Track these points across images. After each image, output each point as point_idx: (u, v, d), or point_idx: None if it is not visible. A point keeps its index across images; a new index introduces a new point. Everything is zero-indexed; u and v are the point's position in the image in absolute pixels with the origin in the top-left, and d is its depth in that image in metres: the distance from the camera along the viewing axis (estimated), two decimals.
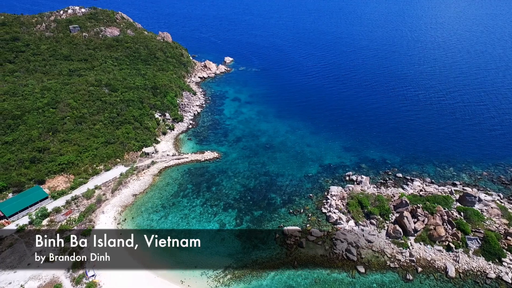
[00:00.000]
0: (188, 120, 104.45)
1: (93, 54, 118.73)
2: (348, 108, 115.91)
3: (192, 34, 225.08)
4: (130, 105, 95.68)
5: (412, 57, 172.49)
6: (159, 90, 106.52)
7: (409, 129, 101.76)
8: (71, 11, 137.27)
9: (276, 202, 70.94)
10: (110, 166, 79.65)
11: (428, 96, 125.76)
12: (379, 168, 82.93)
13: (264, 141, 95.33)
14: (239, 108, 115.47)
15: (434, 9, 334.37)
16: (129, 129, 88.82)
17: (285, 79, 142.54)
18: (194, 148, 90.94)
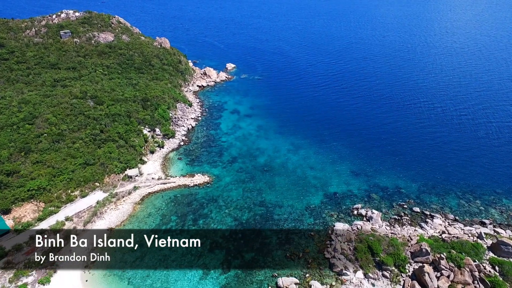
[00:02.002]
0: (181, 136, 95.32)
1: (83, 61, 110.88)
2: (358, 124, 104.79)
3: (196, 38, 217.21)
4: (116, 120, 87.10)
5: (428, 65, 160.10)
6: (150, 103, 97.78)
7: (426, 150, 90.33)
8: (64, 15, 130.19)
9: (271, 241, 60.91)
10: (87, 191, 70.97)
11: (447, 110, 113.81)
12: (392, 199, 72.08)
13: (263, 162, 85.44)
14: (238, 122, 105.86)
15: (450, 12, 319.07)
16: (112, 148, 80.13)
17: (290, 89, 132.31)
18: (183, 169, 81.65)
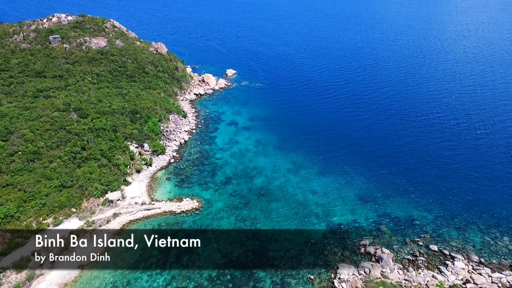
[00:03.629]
0: (171, 152, 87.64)
1: (71, 69, 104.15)
2: (366, 140, 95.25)
3: (198, 42, 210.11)
4: (100, 136, 79.78)
5: (442, 73, 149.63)
6: (139, 115, 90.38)
7: (443, 173, 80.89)
8: (55, 19, 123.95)
9: (264, 286, 52.69)
10: (61, 219, 63.64)
11: (466, 125, 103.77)
12: (405, 232, 63.13)
13: (259, 184, 77.20)
14: (235, 136, 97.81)
15: (461, 15, 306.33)
16: (94, 167, 72.77)
17: (293, 99, 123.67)
18: (171, 192, 73.88)
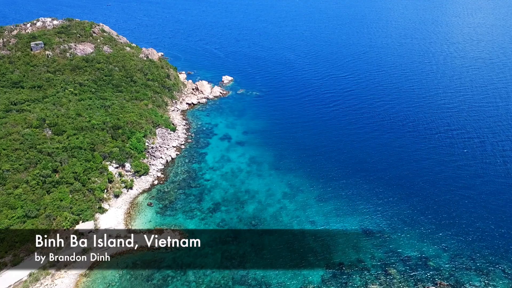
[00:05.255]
0: (156, 172, 79.55)
1: (52, 78, 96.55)
2: (374, 161, 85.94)
3: (196, 45, 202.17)
4: (75, 155, 71.89)
5: (453, 81, 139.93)
6: (121, 130, 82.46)
7: (461, 201, 71.91)
8: (40, 24, 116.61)
9: None
10: (22, 255, 55.68)
11: (488, 144, 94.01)
12: (417, 277, 54.24)
13: (251, 212, 68.75)
14: (227, 153, 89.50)
15: (470, 17, 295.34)
16: (65, 193, 64.81)
17: (291, 110, 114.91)
18: (152, 221, 65.71)
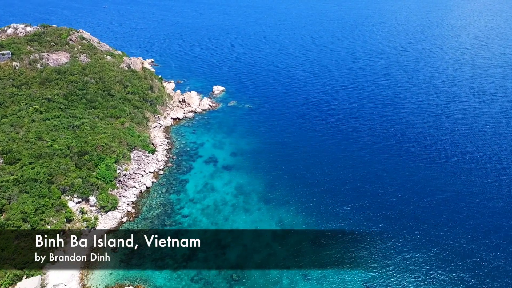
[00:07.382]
0: (126, 206, 68.43)
1: (16, 94, 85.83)
2: (380, 194, 73.57)
3: (189, 51, 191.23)
4: (27, 190, 60.97)
5: (467, 94, 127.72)
6: (88, 156, 71.56)
7: (481, 241, 60.59)
8: (11, 31, 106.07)
9: None
10: None
11: (503, 169, 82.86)
12: None
13: (233, 261, 57.45)
14: (211, 180, 78.33)
15: (477, 20, 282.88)
16: (8, 240, 53.83)
17: (288, 126, 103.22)
18: (113, 274, 54.55)
